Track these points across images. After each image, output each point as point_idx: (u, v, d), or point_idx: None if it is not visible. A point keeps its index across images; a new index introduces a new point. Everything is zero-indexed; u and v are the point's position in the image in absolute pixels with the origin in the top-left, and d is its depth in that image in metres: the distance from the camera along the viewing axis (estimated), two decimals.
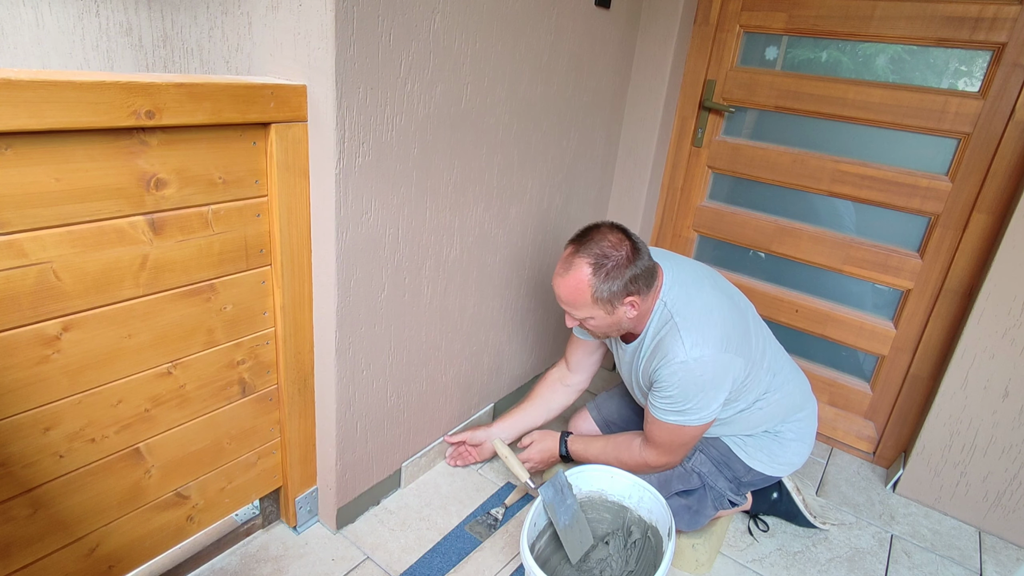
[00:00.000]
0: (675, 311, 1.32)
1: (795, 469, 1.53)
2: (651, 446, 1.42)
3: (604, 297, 1.26)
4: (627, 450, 1.48)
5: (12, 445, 0.95)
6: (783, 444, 1.47)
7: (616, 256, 1.25)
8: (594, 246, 1.26)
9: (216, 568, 1.38)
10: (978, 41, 1.61)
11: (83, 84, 0.85)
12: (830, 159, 1.89)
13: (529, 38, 1.52)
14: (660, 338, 1.33)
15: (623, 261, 1.25)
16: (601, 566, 1.40)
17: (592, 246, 1.26)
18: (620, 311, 1.30)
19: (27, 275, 0.89)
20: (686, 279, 1.37)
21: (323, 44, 1.08)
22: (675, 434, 1.37)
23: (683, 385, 1.29)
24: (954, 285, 1.75)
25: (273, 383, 1.34)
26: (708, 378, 1.28)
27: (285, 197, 1.19)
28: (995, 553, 1.68)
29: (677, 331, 1.29)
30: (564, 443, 1.63)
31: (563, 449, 1.63)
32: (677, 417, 1.33)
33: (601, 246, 1.26)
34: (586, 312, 1.30)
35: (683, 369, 1.27)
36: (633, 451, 1.46)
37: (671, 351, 1.29)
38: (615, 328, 1.36)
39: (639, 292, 1.28)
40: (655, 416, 1.36)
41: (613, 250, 1.25)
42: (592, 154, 2.00)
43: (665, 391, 1.31)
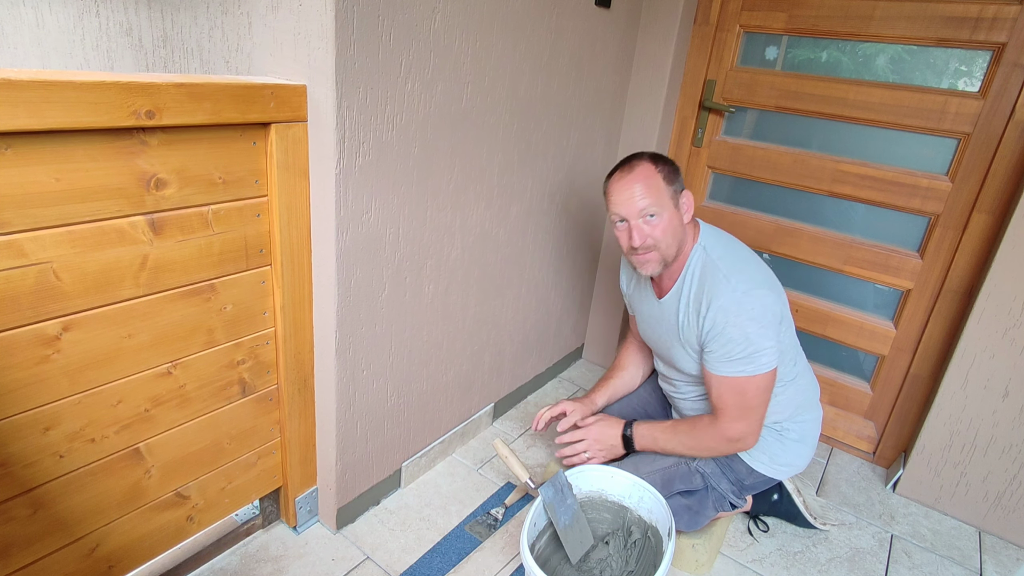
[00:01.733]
0: (715, 255, 1.36)
1: (796, 472, 1.53)
2: (723, 415, 1.36)
3: (671, 185, 1.33)
4: (702, 431, 1.41)
5: (12, 445, 0.95)
6: (785, 444, 1.47)
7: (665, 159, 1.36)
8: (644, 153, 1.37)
9: (216, 568, 1.38)
10: (978, 41, 1.61)
11: (83, 84, 0.85)
12: (830, 159, 1.89)
13: (529, 38, 1.52)
14: (703, 282, 1.34)
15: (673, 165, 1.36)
16: (601, 566, 1.40)
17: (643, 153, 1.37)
18: (681, 206, 1.35)
19: (27, 275, 0.89)
20: (720, 234, 1.43)
21: (323, 44, 1.08)
22: (743, 390, 1.32)
23: (739, 323, 1.28)
24: (954, 285, 1.75)
25: (273, 383, 1.34)
26: (758, 312, 1.28)
27: (285, 197, 1.19)
28: (995, 553, 1.68)
29: (719, 271, 1.32)
30: (628, 428, 1.52)
31: (626, 430, 1.52)
32: (741, 366, 1.30)
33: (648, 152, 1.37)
34: (661, 201, 1.32)
35: (735, 305, 1.28)
36: (708, 429, 1.39)
37: (718, 291, 1.30)
38: (678, 235, 1.35)
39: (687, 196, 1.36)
40: (717, 374, 1.33)
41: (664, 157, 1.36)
42: (592, 154, 2.00)
43: (721, 336, 1.30)
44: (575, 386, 2.28)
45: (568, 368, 2.40)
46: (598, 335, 2.41)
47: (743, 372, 1.31)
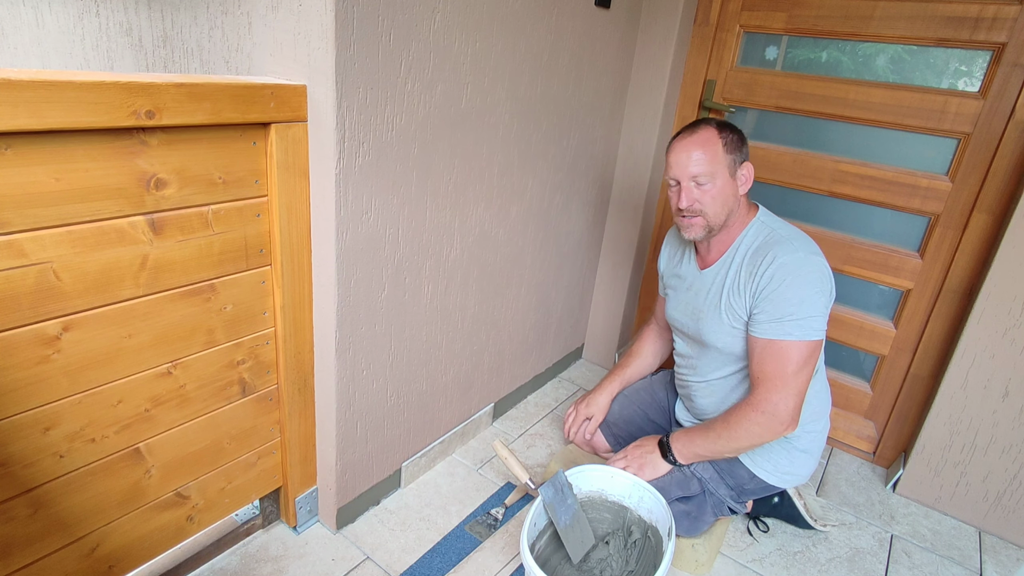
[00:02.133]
0: (776, 226, 1.37)
1: (798, 483, 1.52)
2: (760, 386, 1.30)
3: (731, 152, 1.33)
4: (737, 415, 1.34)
5: (12, 445, 0.95)
6: (792, 454, 1.47)
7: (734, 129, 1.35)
8: (712, 120, 1.36)
9: (216, 568, 1.38)
10: (978, 41, 1.61)
11: (83, 84, 0.85)
12: (830, 159, 1.89)
13: (529, 38, 1.52)
14: (762, 247, 1.34)
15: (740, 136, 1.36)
16: (601, 566, 1.40)
17: (711, 119, 1.36)
18: (739, 176, 1.35)
19: (27, 275, 0.89)
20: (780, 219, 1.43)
21: (323, 44, 1.08)
22: (786, 355, 1.28)
23: (796, 284, 1.26)
24: (954, 285, 1.75)
25: (273, 383, 1.34)
26: (816, 277, 1.27)
27: (285, 197, 1.19)
28: (995, 553, 1.68)
29: (781, 237, 1.33)
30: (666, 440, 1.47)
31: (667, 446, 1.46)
32: (790, 328, 1.27)
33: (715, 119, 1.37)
34: (715, 166, 1.32)
35: (795, 264, 1.27)
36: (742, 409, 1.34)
37: (780, 250, 1.29)
38: (728, 204, 1.35)
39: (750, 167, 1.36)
40: (763, 337, 1.30)
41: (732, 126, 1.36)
42: (592, 154, 2.00)
43: (775, 295, 1.28)
44: (575, 386, 2.28)
45: (568, 368, 2.40)
46: (598, 335, 2.41)
47: (790, 335, 1.27)
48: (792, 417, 1.31)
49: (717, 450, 1.40)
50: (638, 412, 1.72)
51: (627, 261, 2.25)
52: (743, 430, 1.34)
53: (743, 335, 1.39)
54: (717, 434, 1.38)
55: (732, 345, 1.42)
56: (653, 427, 1.71)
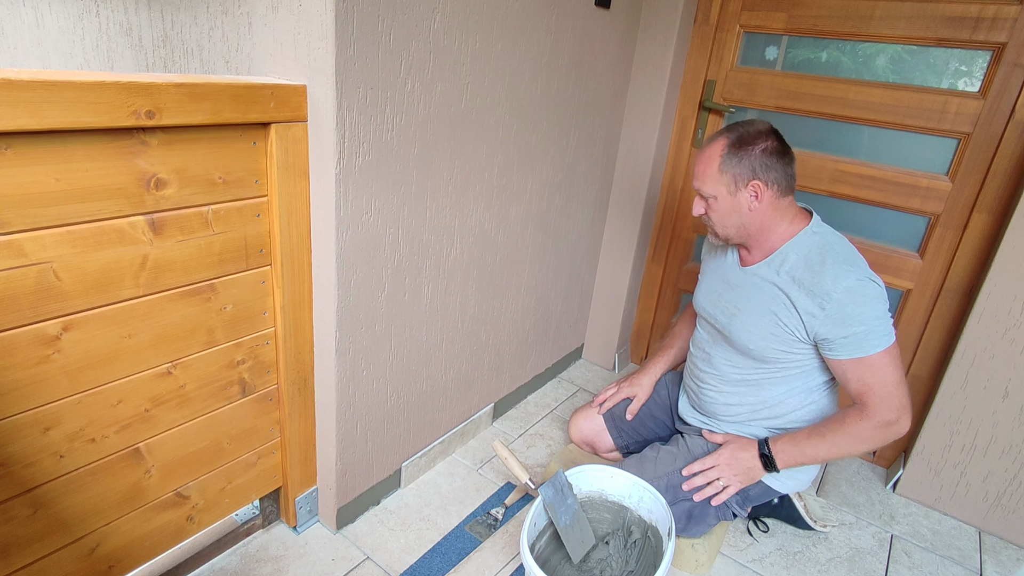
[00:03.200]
0: (832, 243, 1.33)
1: (800, 488, 1.52)
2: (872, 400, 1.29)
3: (730, 171, 1.30)
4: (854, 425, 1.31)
5: (12, 445, 0.95)
6: None
7: (758, 140, 1.29)
8: (740, 128, 1.32)
9: (216, 568, 1.38)
10: (978, 41, 1.61)
11: (83, 84, 0.85)
12: (830, 159, 1.89)
13: (529, 38, 1.52)
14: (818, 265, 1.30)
15: (760, 148, 1.29)
16: (601, 566, 1.40)
17: (739, 128, 1.32)
18: (742, 195, 1.31)
19: (27, 275, 0.89)
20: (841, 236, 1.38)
21: (323, 44, 1.08)
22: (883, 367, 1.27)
23: (869, 303, 1.25)
24: (954, 285, 1.75)
25: (273, 383, 1.34)
26: (880, 292, 1.27)
27: (285, 197, 1.19)
28: (995, 553, 1.68)
29: (838, 256, 1.30)
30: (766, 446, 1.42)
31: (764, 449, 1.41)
32: (876, 342, 1.26)
33: (746, 129, 1.31)
34: (712, 186, 1.33)
35: (861, 286, 1.26)
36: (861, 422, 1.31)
37: (842, 274, 1.27)
38: (734, 219, 1.34)
39: (767, 183, 1.29)
40: (853, 358, 1.28)
41: (759, 136, 1.29)
42: (592, 154, 2.00)
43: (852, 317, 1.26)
44: (575, 386, 2.28)
45: (568, 368, 2.40)
46: (598, 335, 2.41)
47: (877, 348, 1.27)
48: (907, 420, 1.30)
49: (827, 455, 1.36)
50: (643, 409, 1.72)
51: (627, 261, 2.25)
52: (861, 436, 1.31)
53: (786, 343, 1.37)
54: (831, 441, 1.34)
55: (762, 348, 1.39)
56: (657, 424, 1.71)
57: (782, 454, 1.39)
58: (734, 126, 1.33)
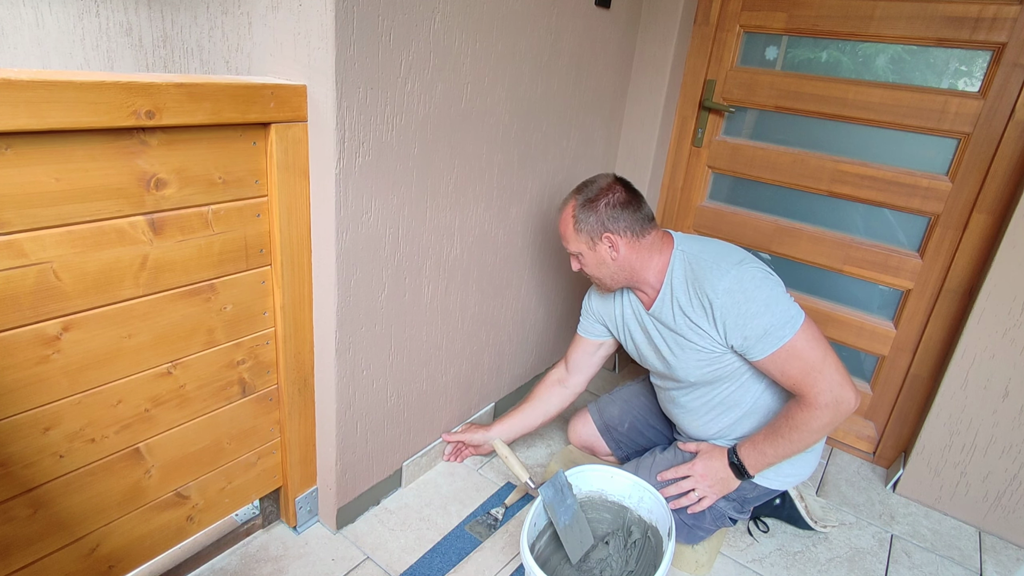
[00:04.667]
0: (694, 251, 1.37)
1: (800, 481, 1.51)
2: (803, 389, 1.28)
3: (584, 228, 1.38)
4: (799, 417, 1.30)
5: (12, 445, 0.95)
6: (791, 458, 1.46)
7: (603, 196, 1.36)
8: (587, 188, 1.40)
9: (216, 568, 1.38)
10: (978, 41, 1.61)
11: (83, 84, 0.85)
12: (830, 159, 1.89)
13: (529, 38, 1.52)
14: (693, 280, 1.33)
15: (609, 201, 1.36)
16: (601, 566, 1.40)
17: (585, 188, 1.40)
18: (601, 248, 1.38)
19: (27, 275, 0.89)
20: (696, 237, 1.44)
21: (323, 44, 1.08)
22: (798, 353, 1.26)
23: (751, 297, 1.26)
24: (954, 285, 1.75)
25: (273, 383, 1.34)
26: (759, 277, 1.28)
27: (285, 197, 1.19)
28: (995, 553, 1.68)
29: (705, 263, 1.33)
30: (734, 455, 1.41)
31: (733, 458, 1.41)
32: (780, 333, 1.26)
33: (594, 186, 1.39)
34: (574, 245, 1.42)
35: (736, 283, 1.27)
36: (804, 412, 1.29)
37: (714, 280, 1.29)
38: (604, 270, 1.41)
39: (620, 232, 1.36)
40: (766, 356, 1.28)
41: (603, 191, 1.37)
42: (592, 154, 2.00)
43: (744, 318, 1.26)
44: None
45: None
46: None
47: (784, 337, 1.26)
48: (850, 393, 1.27)
49: (789, 452, 1.35)
50: (639, 417, 1.71)
51: None
52: (814, 427, 1.29)
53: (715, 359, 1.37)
54: (787, 438, 1.33)
55: (704, 375, 1.40)
56: (654, 432, 1.71)
57: (749, 459, 1.39)
58: (581, 186, 1.41)
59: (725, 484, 1.43)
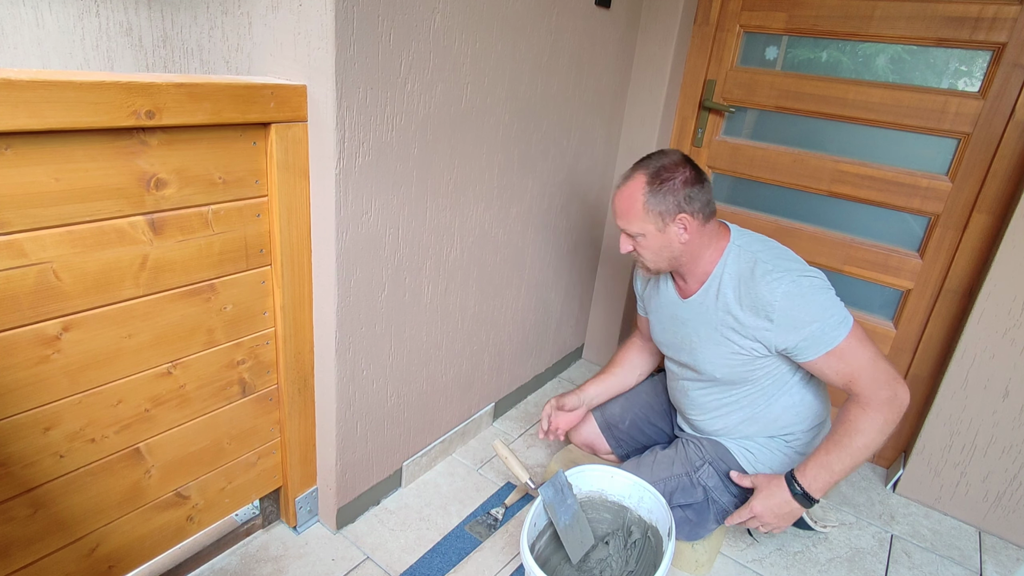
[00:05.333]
0: (757, 251, 1.32)
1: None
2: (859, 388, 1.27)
3: (656, 209, 1.28)
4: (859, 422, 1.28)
5: (12, 445, 0.95)
6: (791, 458, 1.46)
7: (674, 174, 1.28)
8: (655, 162, 1.31)
9: (216, 568, 1.38)
10: (978, 41, 1.61)
11: (83, 84, 0.85)
12: (830, 159, 1.89)
13: (529, 38, 1.52)
14: (749, 281, 1.30)
15: (680, 180, 1.28)
16: (601, 566, 1.40)
17: (653, 162, 1.31)
18: (672, 231, 1.30)
19: (27, 275, 0.89)
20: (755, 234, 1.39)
21: (323, 44, 1.08)
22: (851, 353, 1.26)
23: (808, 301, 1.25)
24: (954, 285, 1.75)
25: (273, 383, 1.34)
26: (816, 286, 1.27)
27: (285, 197, 1.19)
28: (995, 553, 1.68)
29: (764, 264, 1.29)
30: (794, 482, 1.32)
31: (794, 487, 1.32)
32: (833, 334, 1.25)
33: (662, 163, 1.30)
34: (638, 226, 1.31)
35: (795, 287, 1.25)
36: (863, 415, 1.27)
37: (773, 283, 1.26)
38: (666, 253, 1.34)
39: (692, 213, 1.29)
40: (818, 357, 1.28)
41: (672, 169, 1.29)
42: (592, 154, 2.00)
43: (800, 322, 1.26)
44: (575, 386, 2.28)
45: (568, 368, 2.40)
46: (598, 335, 2.41)
47: (836, 340, 1.26)
48: (903, 389, 1.27)
49: (855, 462, 1.29)
50: (640, 415, 1.71)
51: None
52: (875, 427, 1.27)
53: (744, 362, 1.36)
54: (849, 447, 1.28)
55: (729, 374, 1.39)
56: (655, 431, 1.71)
57: (815, 482, 1.30)
58: (648, 160, 1.32)
59: (791, 516, 1.34)
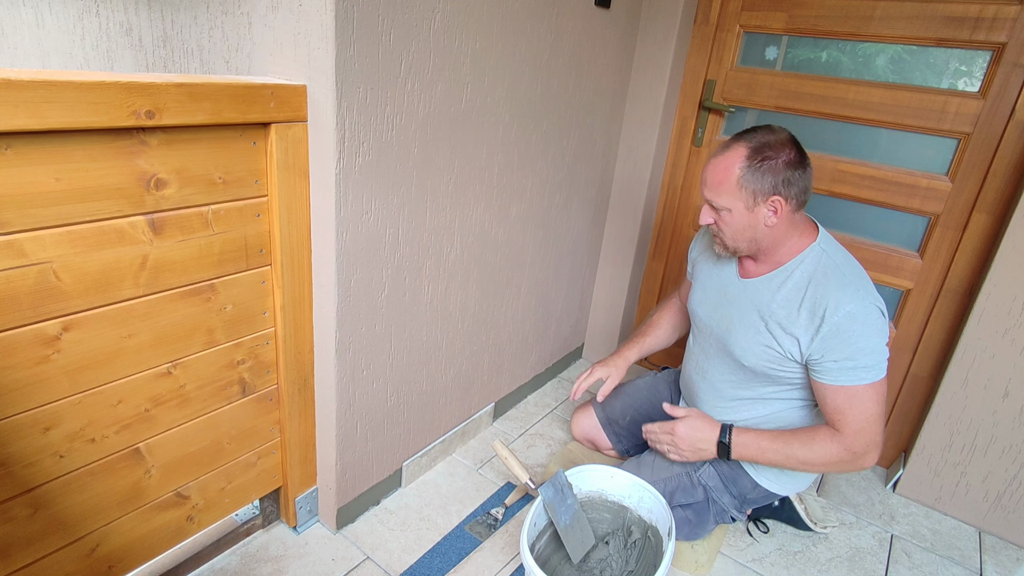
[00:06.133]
0: (837, 260, 1.28)
1: (799, 490, 1.51)
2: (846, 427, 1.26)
3: (750, 186, 1.22)
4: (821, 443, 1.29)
5: (12, 445, 0.95)
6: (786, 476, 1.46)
7: (777, 152, 1.21)
8: (759, 136, 1.23)
9: (216, 568, 1.38)
10: (978, 41, 1.61)
11: (83, 84, 0.85)
12: (830, 159, 1.89)
13: (529, 38, 1.52)
14: (822, 283, 1.25)
15: (783, 161, 1.21)
16: (601, 566, 1.40)
17: (757, 136, 1.23)
18: (760, 211, 1.24)
19: (27, 275, 0.89)
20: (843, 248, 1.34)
21: (323, 44, 1.08)
22: (866, 399, 1.24)
23: (867, 333, 1.21)
24: (954, 285, 1.75)
25: (273, 383, 1.34)
26: (882, 324, 1.23)
27: (285, 197, 1.19)
28: (995, 553, 1.68)
29: (844, 277, 1.24)
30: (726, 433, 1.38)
31: (724, 437, 1.38)
32: (863, 374, 1.22)
33: (767, 139, 1.22)
34: (727, 199, 1.25)
35: (864, 314, 1.21)
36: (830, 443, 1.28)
37: (846, 297, 1.22)
38: (748, 234, 1.28)
39: (787, 198, 1.22)
40: (837, 384, 1.25)
41: (781, 146, 1.22)
42: (592, 153, 2.00)
43: (847, 344, 1.22)
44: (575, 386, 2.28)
45: (568, 368, 2.40)
46: (598, 335, 2.41)
47: (865, 380, 1.23)
48: (873, 456, 1.28)
49: (781, 461, 1.33)
50: (640, 411, 1.72)
51: (627, 260, 2.25)
52: (822, 460, 1.29)
53: (774, 359, 1.34)
54: (791, 447, 1.31)
55: (755, 364, 1.36)
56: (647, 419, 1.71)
57: (741, 447, 1.36)
58: (752, 133, 1.24)
59: (700, 453, 1.40)
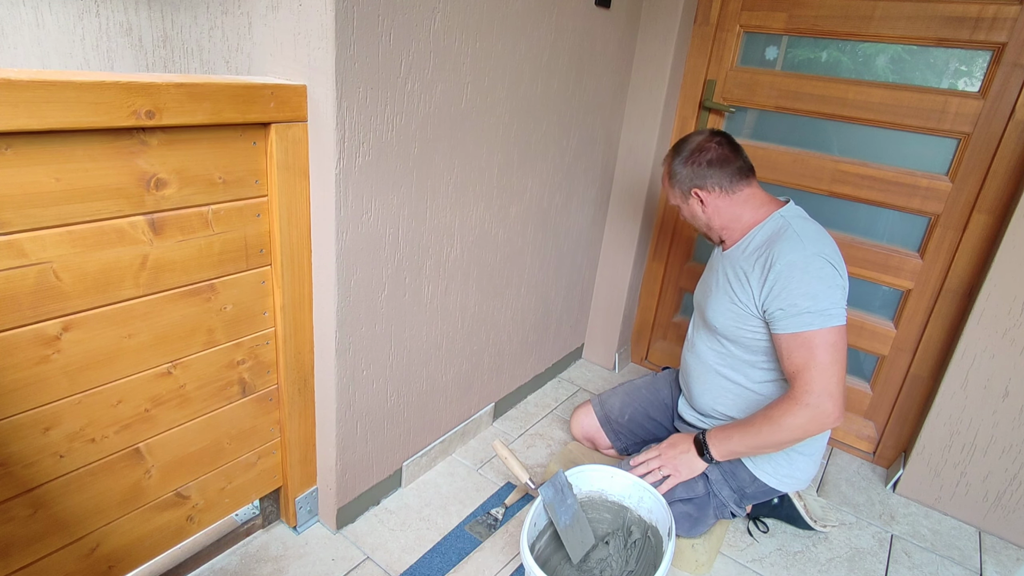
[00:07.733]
0: (796, 224, 1.37)
1: (799, 487, 1.51)
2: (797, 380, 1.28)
3: (676, 187, 1.47)
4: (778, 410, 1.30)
5: (12, 445, 0.95)
6: (791, 457, 1.46)
7: (694, 155, 1.42)
8: (681, 143, 1.47)
9: (216, 568, 1.38)
10: (978, 41, 1.61)
11: (83, 84, 0.85)
12: (830, 159, 1.89)
13: (529, 38, 1.52)
14: (773, 239, 1.36)
15: (698, 160, 1.42)
16: (601, 566, 1.40)
17: (681, 143, 1.47)
18: (692, 203, 1.47)
19: (27, 275, 0.89)
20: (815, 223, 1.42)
21: (323, 44, 1.08)
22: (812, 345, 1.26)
23: (805, 280, 1.27)
24: (954, 285, 1.75)
25: (273, 383, 1.34)
26: (824, 272, 1.28)
27: (285, 197, 1.19)
28: (995, 553, 1.68)
29: (795, 234, 1.34)
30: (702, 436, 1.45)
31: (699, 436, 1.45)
32: (808, 319, 1.26)
33: (686, 144, 1.45)
34: (672, 199, 1.52)
35: (803, 261, 1.29)
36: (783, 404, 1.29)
37: (788, 248, 1.31)
38: (697, 222, 1.50)
39: (706, 188, 1.42)
40: (784, 333, 1.30)
41: (695, 151, 1.43)
42: (592, 153, 2.00)
43: (786, 291, 1.28)
44: (575, 386, 2.28)
45: (568, 368, 2.40)
46: (598, 335, 2.41)
47: (810, 325, 1.26)
48: (837, 407, 1.26)
49: (757, 444, 1.35)
50: (639, 410, 1.72)
51: (627, 260, 2.25)
52: (786, 424, 1.28)
53: (741, 318, 1.41)
54: (757, 429, 1.33)
55: (723, 325, 1.45)
56: (654, 425, 1.71)
57: (716, 447, 1.42)
58: (678, 144, 1.48)
59: (691, 465, 1.45)
